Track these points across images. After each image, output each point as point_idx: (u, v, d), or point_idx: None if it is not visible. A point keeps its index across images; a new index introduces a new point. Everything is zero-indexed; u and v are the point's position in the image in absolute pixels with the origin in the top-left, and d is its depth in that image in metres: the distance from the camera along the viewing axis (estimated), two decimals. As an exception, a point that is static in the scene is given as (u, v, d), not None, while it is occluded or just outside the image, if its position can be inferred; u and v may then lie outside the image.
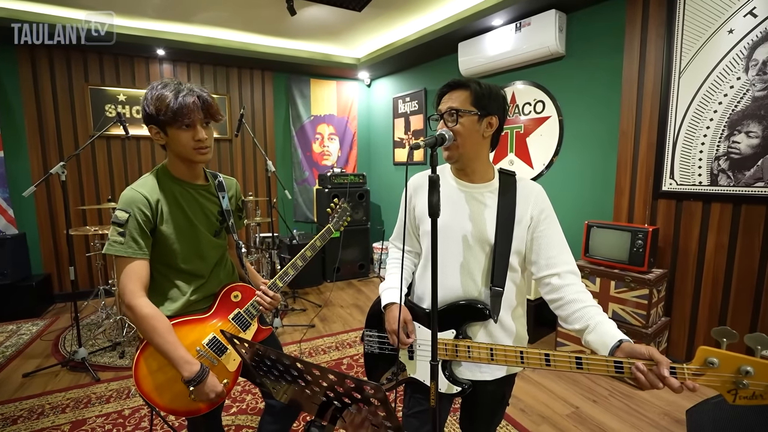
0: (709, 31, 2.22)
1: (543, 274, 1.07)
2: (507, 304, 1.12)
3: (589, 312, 0.98)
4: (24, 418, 2.12)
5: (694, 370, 0.79)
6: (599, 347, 0.92)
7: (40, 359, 2.79)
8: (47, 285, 3.85)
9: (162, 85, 1.09)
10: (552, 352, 0.94)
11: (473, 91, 1.04)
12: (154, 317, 1.08)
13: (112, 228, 1.08)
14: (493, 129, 1.09)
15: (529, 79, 3.23)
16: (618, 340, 0.89)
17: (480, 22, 3.16)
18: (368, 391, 0.72)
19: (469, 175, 1.13)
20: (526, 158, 3.31)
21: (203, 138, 1.12)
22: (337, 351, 2.89)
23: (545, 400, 2.23)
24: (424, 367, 1.17)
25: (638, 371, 0.82)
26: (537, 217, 1.09)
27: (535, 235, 1.09)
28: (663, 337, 2.46)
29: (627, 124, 2.62)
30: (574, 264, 1.08)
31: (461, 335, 1.10)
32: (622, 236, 2.45)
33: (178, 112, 1.06)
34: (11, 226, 3.72)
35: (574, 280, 1.04)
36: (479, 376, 1.13)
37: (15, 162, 3.72)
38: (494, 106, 1.06)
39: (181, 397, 1.13)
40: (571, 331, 1.04)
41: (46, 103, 3.75)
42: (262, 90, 4.67)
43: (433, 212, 0.92)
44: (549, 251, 1.07)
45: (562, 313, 1.03)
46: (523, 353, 0.98)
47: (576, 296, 1.01)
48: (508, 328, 1.13)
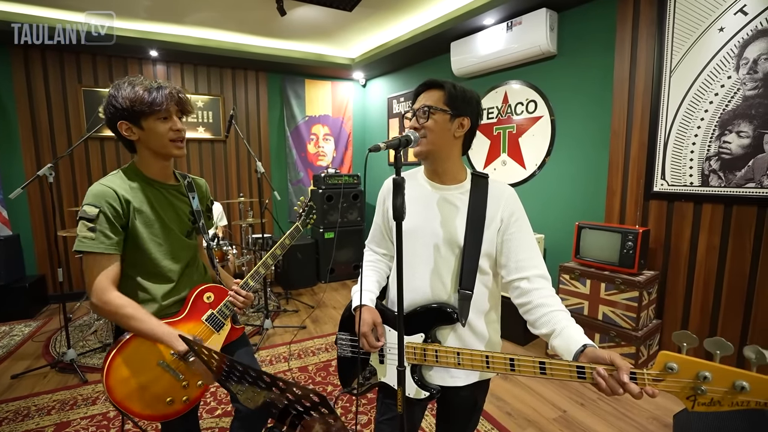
0: (700, 29, 2.18)
1: (512, 277, 1.05)
2: (478, 309, 1.10)
3: (556, 317, 0.96)
4: (9, 420, 2.12)
5: (654, 375, 0.77)
6: (564, 352, 0.90)
7: (30, 360, 2.80)
8: (41, 286, 3.86)
9: (128, 82, 1.09)
10: (517, 357, 0.92)
11: (447, 91, 1.05)
12: (127, 305, 1.08)
13: (80, 224, 1.06)
14: (464, 130, 1.09)
15: (521, 78, 3.20)
16: (582, 345, 0.87)
17: (471, 22, 3.14)
18: (314, 400, 0.71)
19: (441, 175, 1.13)
20: (519, 159, 3.28)
21: (181, 128, 1.12)
22: (327, 353, 2.88)
23: (532, 404, 2.21)
24: (394, 371, 1.15)
25: (599, 377, 0.81)
26: (507, 219, 1.07)
27: (504, 238, 1.07)
28: (654, 340, 2.42)
29: (618, 123, 2.59)
30: (545, 268, 1.06)
31: (430, 339, 1.08)
32: (613, 237, 2.41)
33: (154, 102, 1.07)
34: (5, 227, 3.74)
35: (544, 284, 1.03)
36: (449, 382, 1.11)
37: (9, 164, 3.73)
38: (467, 108, 1.07)
39: (156, 402, 1.12)
40: (539, 336, 1.01)
41: (40, 104, 3.77)
42: (257, 90, 4.66)
43: (397, 215, 0.91)
44: (519, 254, 1.05)
45: (529, 317, 1.02)
46: (488, 357, 0.96)
47: (543, 300, 0.99)
48: (479, 333, 1.11)
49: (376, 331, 1.14)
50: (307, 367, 2.66)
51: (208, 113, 4.41)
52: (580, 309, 2.53)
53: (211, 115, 4.43)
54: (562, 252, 2.98)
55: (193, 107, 1.20)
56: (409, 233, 1.09)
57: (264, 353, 2.86)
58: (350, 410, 2.17)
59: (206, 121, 4.41)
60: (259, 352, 2.88)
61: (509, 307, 1.18)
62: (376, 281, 1.24)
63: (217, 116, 4.45)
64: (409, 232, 1.10)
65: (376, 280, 1.24)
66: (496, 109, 3.41)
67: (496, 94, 3.41)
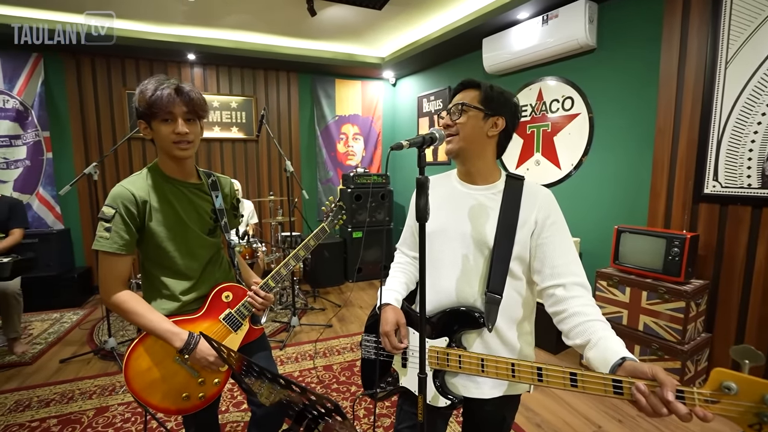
0: (762, 15, 1.98)
1: (547, 284, 0.99)
2: (508, 316, 1.04)
3: (593, 326, 0.88)
4: (56, 402, 2.27)
5: (707, 395, 0.67)
6: (600, 365, 0.82)
7: (76, 346, 2.98)
8: (88, 277, 4.12)
9: (148, 81, 1.10)
10: (546, 366, 0.85)
11: (483, 90, 1.05)
12: (129, 300, 1.10)
13: (99, 224, 1.09)
14: (498, 129, 1.05)
15: (557, 74, 3.06)
16: (621, 357, 0.79)
17: (504, 16, 3.03)
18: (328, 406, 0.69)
19: (473, 175, 1.09)
20: (554, 158, 3.13)
21: (182, 132, 1.10)
22: (352, 352, 2.87)
23: (564, 416, 2.09)
24: (415, 376, 1.12)
25: (639, 393, 0.72)
26: (542, 222, 1.01)
27: (539, 242, 1.01)
28: (703, 355, 2.23)
29: (664, 120, 2.41)
30: (584, 276, 0.98)
31: (455, 344, 1.04)
32: (656, 243, 2.25)
33: (152, 104, 1.06)
34: (58, 221, 4.01)
35: (581, 292, 0.95)
36: (474, 392, 1.05)
37: (61, 162, 4.00)
38: (502, 108, 1.05)
39: (172, 396, 1.14)
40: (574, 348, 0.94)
41: (89, 107, 4.01)
42: (288, 91, 4.74)
43: (420, 216, 0.88)
44: (554, 260, 0.99)
45: (563, 326, 0.95)
46: (514, 365, 0.90)
47: (580, 309, 0.92)
48: (508, 343, 1.04)
49: (399, 333, 1.10)
50: (332, 366, 2.66)
51: (241, 114, 4.54)
52: (618, 318, 2.38)
53: (244, 115, 4.55)
54: (599, 257, 2.81)
55: (207, 109, 1.19)
56: (436, 233, 1.07)
57: (290, 350, 2.90)
58: (373, 412, 2.15)
59: (239, 122, 4.54)
60: (285, 348, 2.92)
61: (541, 311, 1.11)
62: (404, 282, 1.21)
63: (249, 117, 4.56)
64: (437, 232, 1.07)
65: (404, 281, 1.21)
66: (530, 107, 3.28)
67: (530, 91, 3.27)
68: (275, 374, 0.75)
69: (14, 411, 2.18)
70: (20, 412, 2.17)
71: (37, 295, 3.62)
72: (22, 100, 3.75)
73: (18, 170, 3.82)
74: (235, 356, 0.90)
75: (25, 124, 3.80)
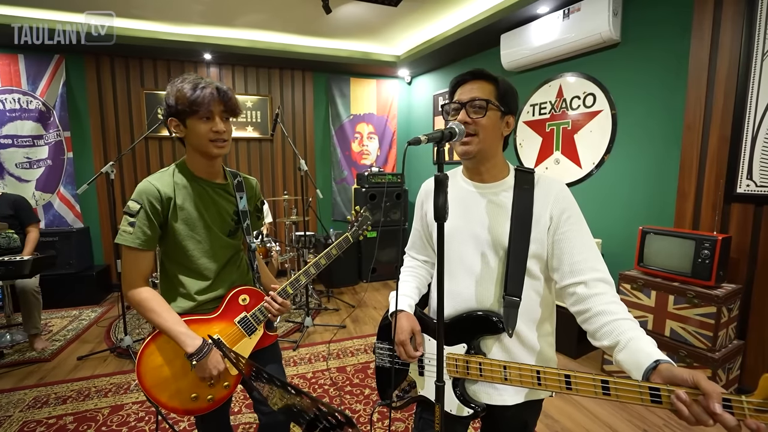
0: (802, 4, 1.87)
1: (567, 282, 0.93)
2: (528, 317, 0.98)
3: (621, 326, 0.82)
4: (72, 399, 2.29)
5: (757, 404, 0.61)
6: (632, 369, 0.76)
7: (93, 344, 3.02)
8: (107, 275, 4.19)
9: (181, 79, 1.10)
10: (574, 373, 0.79)
11: (500, 85, 0.97)
12: (151, 299, 1.10)
13: (124, 218, 1.10)
14: (509, 129, 1.01)
15: (578, 70, 2.96)
16: (654, 360, 0.73)
17: (524, 11, 2.95)
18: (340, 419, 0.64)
19: (482, 174, 1.04)
20: (574, 157, 3.03)
21: (221, 130, 1.11)
22: (366, 354, 2.83)
23: (586, 424, 2.01)
24: (431, 383, 1.07)
25: (680, 402, 0.66)
26: (558, 217, 0.95)
27: (556, 238, 0.95)
28: (735, 363, 2.12)
29: (694, 116, 2.29)
30: (606, 271, 0.92)
31: (473, 350, 0.98)
32: (684, 245, 2.14)
33: (194, 102, 1.06)
34: (78, 220, 4.09)
35: (605, 289, 0.89)
36: (496, 399, 1.00)
37: (81, 162, 4.08)
38: (513, 105, 1.00)
39: (181, 396, 1.13)
40: (601, 349, 0.88)
41: (108, 106, 4.08)
42: (303, 90, 4.74)
43: (439, 215, 0.82)
44: (573, 256, 0.92)
45: (589, 327, 0.88)
46: (539, 373, 0.84)
47: (605, 307, 0.85)
48: (529, 345, 0.99)
49: (415, 340, 1.05)
50: (346, 368, 2.63)
51: (256, 113, 4.55)
52: (643, 323, 2.27)
53: (259, 114, 4.57)
54: (622, 259, 2.71)
55: (241, 108, 1.18)
56: (448, 236, 1.00)
57: (303, 351, 2.88)
58: (387, 416, 2.10)
59: (254, 121, 4.56)
60: (298, 349, 2.90)
61: (560, 314, 1.06)
62: (416, 287, 1.16)
63: (264, 116, 4.58)
64: (449, 234, 1.01)
65: (415, 286, 1.16)
66: (549, 104, 3.18)
67: (549, 87, 3.18)
68: (284, 382, 0.72)
69: (32, 407, 2.21)
70: (38, 408, 2.20)
71: (56, 293, 3.69)
72: (45, 101, 3.84)
73: (40, 170, 3.91)
74: (246, 363, 0.87)
75: (47, 125, 3.89)
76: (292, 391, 0.70)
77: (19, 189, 3.76)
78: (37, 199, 3.91)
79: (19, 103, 3.78)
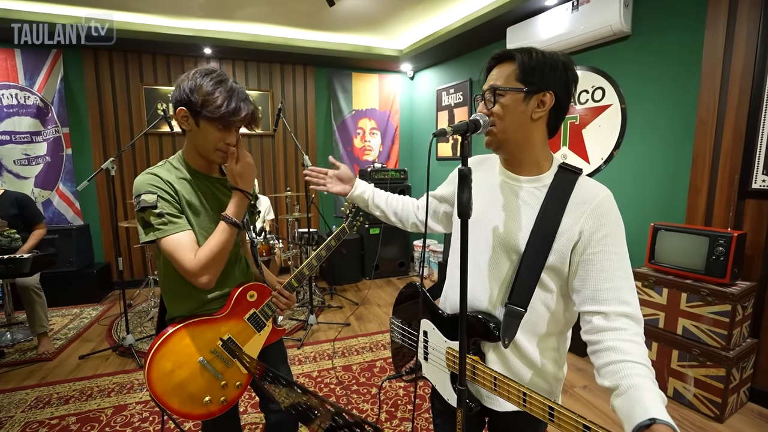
0: (822, -6, 1.81)
1: (586, 308, 0.82)
2: (531, 330, 0.90)
3: (628, 369, 0.72)
4: (75, 399, 2.25)
5: None
6: (624, 420, 0.68)
7: (95, 342, 2.98)
8: (107, 273, 4.14)
9: (211, 77, 1.02)
10: (557, 407, 0.72)
11: (520, 63, 0.85)
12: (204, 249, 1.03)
13: (145, 214, 1.00)
14: (546, 108, 0.86)
15: (586, 63, 2.91)
16: (649, 417, 0.63)
17: (531, 3, 2.89)
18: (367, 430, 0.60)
19: (515, 166, 0.93)
20: (582, 152, 2.99)
21: (233, 142, 1.06)
22: (371, 352, 2.80)
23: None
24: (433, 371, 1.05)
25: None
26: (589, 234, 0.82)
27: (583, 258, 0.83)
28: (748, 362, 2.08)
29: (707, 110, 2.25)
30: (636, 307, 0.80)
31: (472, 350, 0.94)
32: (697, 242, 2.10)
33: (227, 116, 1.00)
34: (78, 217, 4.04)
35: (627, 325, 0.77)
36: (487, 403, 0.96)
37: (80, 158, 4.02)
38: (549, 79, 0.84)
39: (194, 401, 1.09)
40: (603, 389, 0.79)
41: (107, 102, 4.02)
42: (304, 85, 4.68)
43: (462, 211, 0.77)
44: (599, 283, 0.81)
45: (596, 361, 0.79)
46: (526, 396, 0.78)
47: (618, 344, 0.75)
48: (529, 359, 0.91)
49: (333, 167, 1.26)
50: (351, 366, 2.59)
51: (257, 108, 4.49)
52: (654, 321, 2.24)
53: (261, 110, 4.50)
54: (631, 256, 2.66)
55: (259, 122, 1.13)
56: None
57: (308, 349, 2.84)
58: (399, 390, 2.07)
59: (256, 117, 4.49)
60: (303, 347, 2.86)
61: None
62: (389, 197, 1.27)
63: (266, 111, 4.52)
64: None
65: (390, 195, 1.27)
66: (557, 98, 3.13)
67: (556, 81, 3.12)
68: (292, 382, 0.68)
69: (35, 408, 2.17)
70: (40, 408, 2.16)
71: (57, 291, 3.65)
72: (43, 97, 3.77)
73: (39, 166, 3.86)
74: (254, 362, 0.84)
75: (45, 121, 3.83)
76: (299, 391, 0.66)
77: (17, 186, 3.71)
78: (36, 196, 3.86)
79: (16, 99, 3.72)
